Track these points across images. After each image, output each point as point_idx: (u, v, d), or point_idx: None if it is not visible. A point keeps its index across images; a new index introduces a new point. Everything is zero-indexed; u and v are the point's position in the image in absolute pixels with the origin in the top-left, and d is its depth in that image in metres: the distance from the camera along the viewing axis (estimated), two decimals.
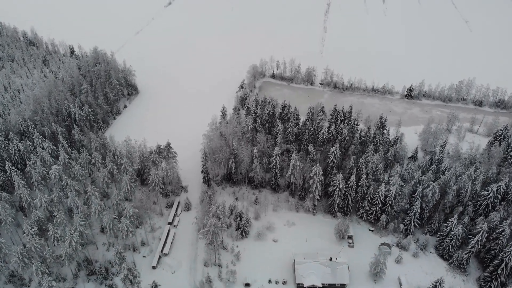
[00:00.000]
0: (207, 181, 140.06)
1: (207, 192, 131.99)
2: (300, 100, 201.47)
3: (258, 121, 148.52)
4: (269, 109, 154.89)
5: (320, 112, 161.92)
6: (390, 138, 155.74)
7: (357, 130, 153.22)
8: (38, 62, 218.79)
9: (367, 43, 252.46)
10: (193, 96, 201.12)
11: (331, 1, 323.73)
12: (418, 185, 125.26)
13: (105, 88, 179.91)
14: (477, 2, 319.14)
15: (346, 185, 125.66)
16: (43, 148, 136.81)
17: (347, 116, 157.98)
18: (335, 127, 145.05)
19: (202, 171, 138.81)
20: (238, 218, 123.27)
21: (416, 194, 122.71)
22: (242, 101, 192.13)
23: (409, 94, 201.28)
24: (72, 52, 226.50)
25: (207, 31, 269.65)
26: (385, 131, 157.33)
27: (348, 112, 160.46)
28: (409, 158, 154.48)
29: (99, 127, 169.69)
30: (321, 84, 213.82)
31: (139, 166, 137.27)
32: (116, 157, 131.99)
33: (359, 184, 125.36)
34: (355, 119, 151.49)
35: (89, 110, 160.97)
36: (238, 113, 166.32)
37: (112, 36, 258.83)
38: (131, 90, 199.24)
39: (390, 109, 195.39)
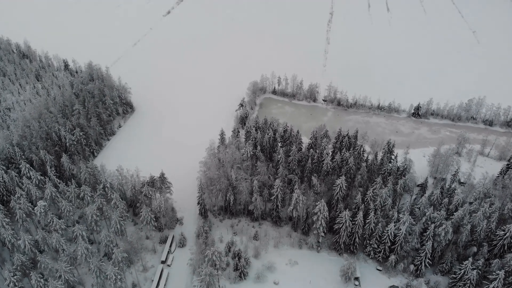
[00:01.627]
0: (203, 213, 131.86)
1: (203, 227, 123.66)
2: (303, 118, 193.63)
3: (258, 147, 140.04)
4: (270, 134, 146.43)
5: (323, 137, 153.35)
6: (398, 163, 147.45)
7: (363, 156, 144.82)
8: (31, 77, 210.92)
9: (372, 56, 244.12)
10: (191, 113, 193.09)
11: (334, 10, 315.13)
12: (429, 223, 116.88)
13: (98, 108, 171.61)
14: (483, 12, 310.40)
15: (353, 222, 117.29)
16: (30, 178, 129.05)
17: (352, 141, 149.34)
18: (340, 154, 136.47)
19: (198, 203, 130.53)
20: (236, 258, 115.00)
21: (427, 233, 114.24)
22: (242, 120, 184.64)
23: (417, 113, 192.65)
24: (66, 66, 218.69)
25: (206, 42, 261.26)
26: (393, 157, 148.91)
27: (354, 137, 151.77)
28: (418, 185, 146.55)
29: (91, 150, 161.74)
30: (324, 101, 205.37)
31: (132, 197, 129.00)
32: (106, 189, 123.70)
33: (367, 221, 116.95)
34: (361, 146, 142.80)
35: (81, 133, 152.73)
36: (237, 136, 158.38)
37: (108, 48, 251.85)
38: (126, 108, 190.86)
39: (397, 129, 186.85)
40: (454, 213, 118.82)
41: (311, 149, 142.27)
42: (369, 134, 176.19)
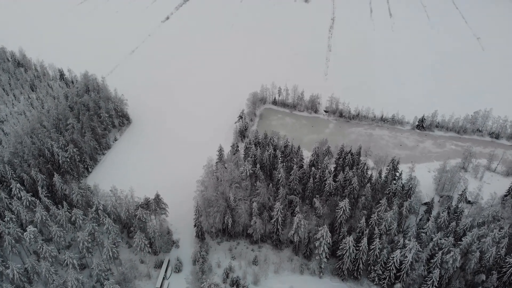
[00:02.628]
0: (200, 235, 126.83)
1: (200, 252, 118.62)
2: (304, 130, 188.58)
3: (258, 165, 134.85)
4: (270, 150, 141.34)
5: (326, 153, 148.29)
6: (403, 180, 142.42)
7: (367, 174, 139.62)
8: (25, 87, 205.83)
9: (374, 65, 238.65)
10: (189, 124, 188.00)
11: (335, 15, 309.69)
12: (436, 249, 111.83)
13: (93, 122, 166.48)
14: (487, 17, 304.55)
15: (357, 248, 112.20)
16: (20, 199, 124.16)
17: (356, 158, 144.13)
18: (343, 173, 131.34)
19: (195, 225, 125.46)
20: (235, 286, 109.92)
21: (435, 260, 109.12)
22: (241, 133, 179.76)
23: (421, 125, 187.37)
24: (61, 75, 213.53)
25: (205, 50, 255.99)
26: (397, 174, 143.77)
27: (357, 153, 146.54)
28: (424, 204, 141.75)
29: (85, 166, 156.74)
30: (325, 112, 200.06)
31: (126, 220, 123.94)
32: (99, 212, 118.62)
33: (371, 247, 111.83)
34: (365, 164, 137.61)
35: (74, 150, 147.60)
36: (236, 151, 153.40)
37: (106, 55, 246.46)
38: (122, 120, 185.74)
39: (401, 142, 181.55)
40: (462, 239, 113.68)
41: (313, 167, 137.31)
42: (372, 147, 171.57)
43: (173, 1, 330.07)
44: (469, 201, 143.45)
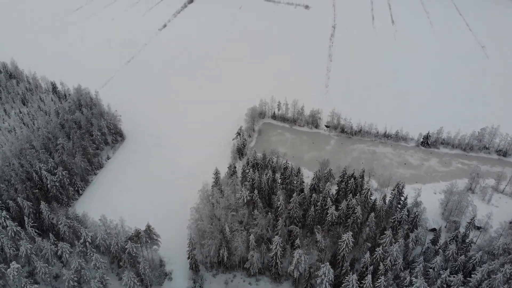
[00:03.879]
0: (194, 267, 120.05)
1: (194, 287, 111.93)
2: (304, 147, 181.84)
3: (256, 191, 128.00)
4: (268, 175, 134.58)
5: (327, 177, 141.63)
6: (409, 204, 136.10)
7: (371, 200, 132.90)
8: (17, 101, 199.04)
9: (377, 76, 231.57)
10: (184, 140, 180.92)
11: (336, 22, 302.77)
12: (444, 286, 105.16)
13: (85, 141, 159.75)
14: (491, 24, 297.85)
15: (360, 286, 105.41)
16: (5, 228, 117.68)
17: (359, 182, 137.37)
18: (346, 201, 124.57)
19: (188, 257, 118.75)
20: None
21: None
22: (239, 150, 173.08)
23: (426, 142, 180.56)
24: (54, 88, 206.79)
25: (202, 60, 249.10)
26: (402, 198, 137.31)
27: (360, 176, 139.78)
28: (430, 230, 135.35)
29: (76, 188, 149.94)
30: (326, 127, 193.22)
31: (115, 253, 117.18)
32: (87, 244, 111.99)
33: (376, 285, 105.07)
34: (368, 190, 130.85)
35: (64, 173, 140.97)
36: (234, 172, 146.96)
37: (101, 66, 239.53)
38: (116, 137, 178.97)
39: (405, 160, 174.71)
40: (472, 275, 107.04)
41: (314, 193, 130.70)
42: (375, 166, 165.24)
43: (171, 7, 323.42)
44: (478, 227, 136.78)
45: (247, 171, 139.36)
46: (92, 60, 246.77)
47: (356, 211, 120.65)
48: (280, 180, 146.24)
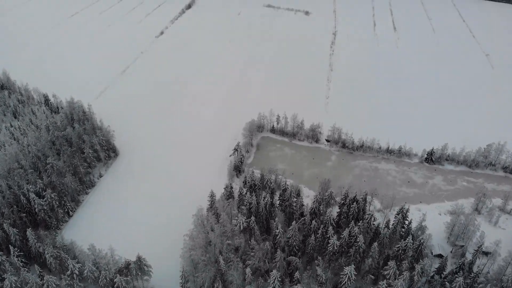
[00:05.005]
0: None
1: None
2: (304, 163, 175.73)
3: (253, 217, 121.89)
4: (266, 199, 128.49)
5: (328, 199, 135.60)
6: (413, 227, 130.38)
7: (374, 226, 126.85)
8: (8, 115, 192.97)
9: (379, 90, 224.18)
10: (180, 157, 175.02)
11: (337, 29, 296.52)
12: None
13: (75, 159, 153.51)
14: (496, 33, 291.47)
15: None
16: None
17: (361, 206, 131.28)
18: (348, 229, 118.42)
19: None
20: None
21: None
22: (237, 168, 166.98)
23: (430, 158, 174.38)
24: (46, 100, 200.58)
25: (199, 70, 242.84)
26: (407, 221, 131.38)
27: (362, 199, 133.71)
28: (435, 256, 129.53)
29: (66, 210, 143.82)
30: (327, 141, 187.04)
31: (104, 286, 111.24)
32: (74, 276, 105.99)
33: None
34: (371, 215, 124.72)
35: (53, 195, 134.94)
36: (230, 194, 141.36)
37: (95, 75, 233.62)
38: (109, 153, 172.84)
39: (409, 178, 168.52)
40: None
41: (314, 219, 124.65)
42: (378, 185, 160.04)
43: (169, 14, 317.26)
44: (485, 252, 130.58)
45: (244, 193, 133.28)
46: (87, 69, 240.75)
47: (358, 240, 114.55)
48: (279, 201, 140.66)
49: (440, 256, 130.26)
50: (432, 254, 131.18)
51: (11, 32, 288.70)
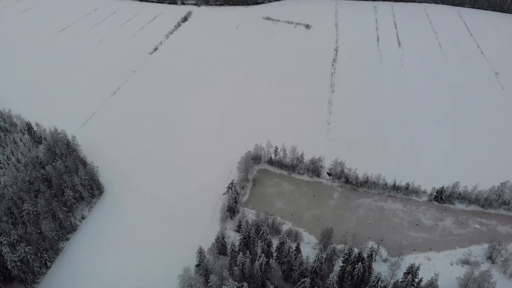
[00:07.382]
0: None
1: None
2: (304, 202, 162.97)
3: (246, 285, 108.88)
4: (262, 259, 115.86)
5: (331, 256, 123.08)
6: (422, 284, 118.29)
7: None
8: None
9: (383, 116, 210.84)
10: (171, 195, 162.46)
11: (339, 45, 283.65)
12: None
13: (54, 204, 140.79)
14: (506, 49, 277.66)
15: None
16: None
17: (366, 265, 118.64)
18: None
19: None
20: None
21: None
22: (231, 209, 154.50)
23: (440, 197, 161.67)
24: (29, 129, 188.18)
25: (193, 92, 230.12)
26: (417, 279, 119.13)
27: (368, 256, 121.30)
28: None
29: (43, 261, 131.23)
30: (329, 174, 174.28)
31: None
32: None
33: None
34: (379, 279, 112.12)
35: (27, 249, 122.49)
36: (222, 245, 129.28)
37: (83, 99, 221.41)
38: (93, 191, 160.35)
39: (417, 220, 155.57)
40: None
41: (316, 279, 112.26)
42: (384, 228, 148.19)
43: (163, 27, 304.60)
44: None
45: (237, 250, 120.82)
46: (74, 91, 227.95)
47: None
48: (276, 253, 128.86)
49: None
50: None
51: None
